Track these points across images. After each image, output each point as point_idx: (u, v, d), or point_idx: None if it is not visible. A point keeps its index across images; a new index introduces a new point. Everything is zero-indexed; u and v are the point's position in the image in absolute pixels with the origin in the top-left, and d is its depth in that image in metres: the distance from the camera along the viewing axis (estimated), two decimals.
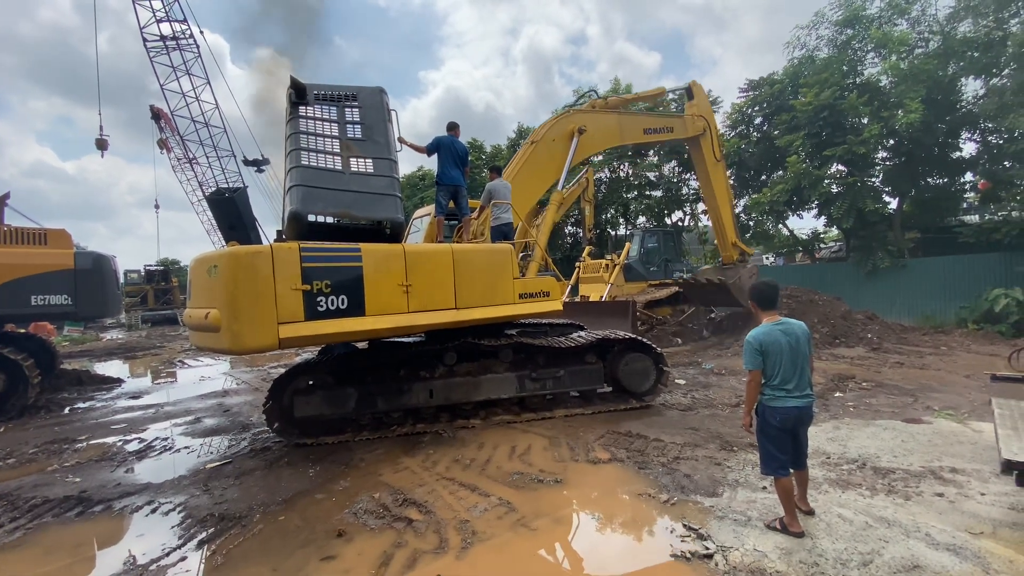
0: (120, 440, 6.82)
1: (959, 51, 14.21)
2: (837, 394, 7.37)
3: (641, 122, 11.01)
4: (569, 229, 25.45)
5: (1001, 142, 14.49)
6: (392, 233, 5.74)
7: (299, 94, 6.19)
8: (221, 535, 3.96)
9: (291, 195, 5.49)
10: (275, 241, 5.26)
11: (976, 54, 14.02)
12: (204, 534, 3.99)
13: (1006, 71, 13.79)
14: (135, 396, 9.90)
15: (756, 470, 4.65)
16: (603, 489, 4.57)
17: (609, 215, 23.76)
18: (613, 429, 6.04)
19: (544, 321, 7.80)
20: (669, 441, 5.54)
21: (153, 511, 4.50)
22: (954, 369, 8.77)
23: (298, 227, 5.37)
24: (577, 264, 15.91)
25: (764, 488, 4.28)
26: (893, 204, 16.53)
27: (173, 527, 4.16)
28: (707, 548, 3.41)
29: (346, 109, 6.30)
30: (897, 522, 3.64)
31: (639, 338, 7.20)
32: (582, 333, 7.34)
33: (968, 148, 15.94)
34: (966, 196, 17.00)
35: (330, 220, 5.43)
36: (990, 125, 14.46)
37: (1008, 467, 3.09)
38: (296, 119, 6.04)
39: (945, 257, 14.87)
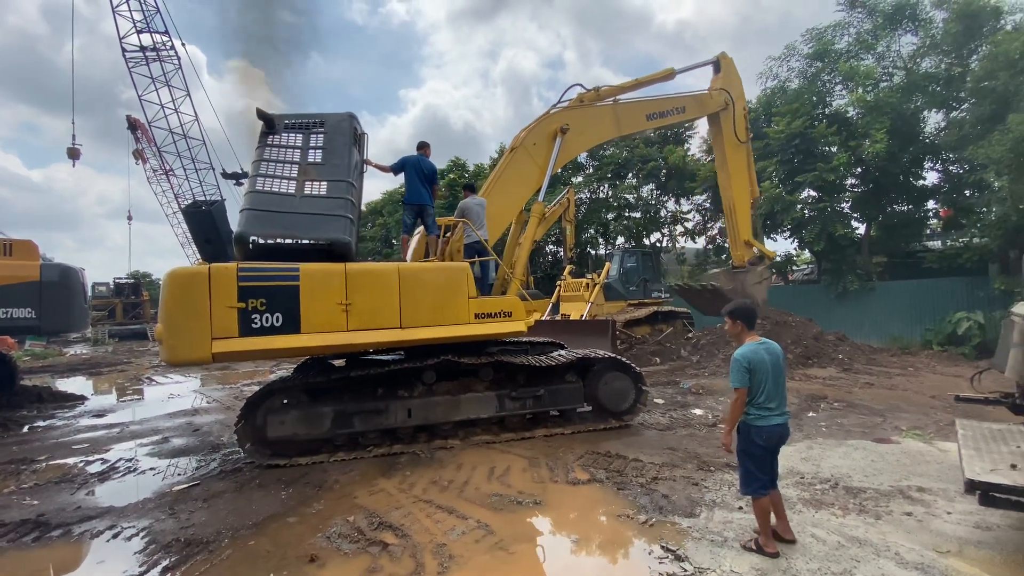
0: (81, 461, 6.54)
1: (922, 85, 15.01)
2: (810, 414, 7.51)
3: (642, 108, 9.76)
4: (550, 248, 25.65)
5: (961, 172, 15.23)
6: (339, 253, 5.78)
7: (268, 125, 6.39)
8: (187, 561, 3.81)
9: (239, 218, 5.72)
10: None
11: (938, 88, 14.82)
12: (168, 560, 3.83)
13: (965, 105, 14.58)
14: (99, 414, 9.51)
15: (733, 490, 4.70)
16: (582, 510, 4.55)
17: (589, 235, 24.07)
18: (592, 449, 6.03)
19: (524, 339, 7.81)
20: (648, 461, 5.56)
21: (115, 536, 4.31)
22: (921, 390, 9.04)
23: (243, 248, 5.57)
24: (558, 283, 16.02)
25: (740, 508, 4.32)
26: (861, 229, 17.14)
27: (136, 553, 3.99)
28: (684, 570, 3.42)
29: (312, 135, 6.44)
30: (868, 541, 3.71)
31: (619, 357, 7.25)
32: (562, 352, 7.36)
33: (931, 177, 16.75)
34: (929, 223, 17.75)
35: (271, 241, 5.65)
36: (951, 156, 15.21)
37: (971, 487, 3.19)
38: (263, 147, 6.27)
39: (911, 281, 15.44)
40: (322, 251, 5.76)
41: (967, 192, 15.14)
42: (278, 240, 5.69)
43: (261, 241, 5.65)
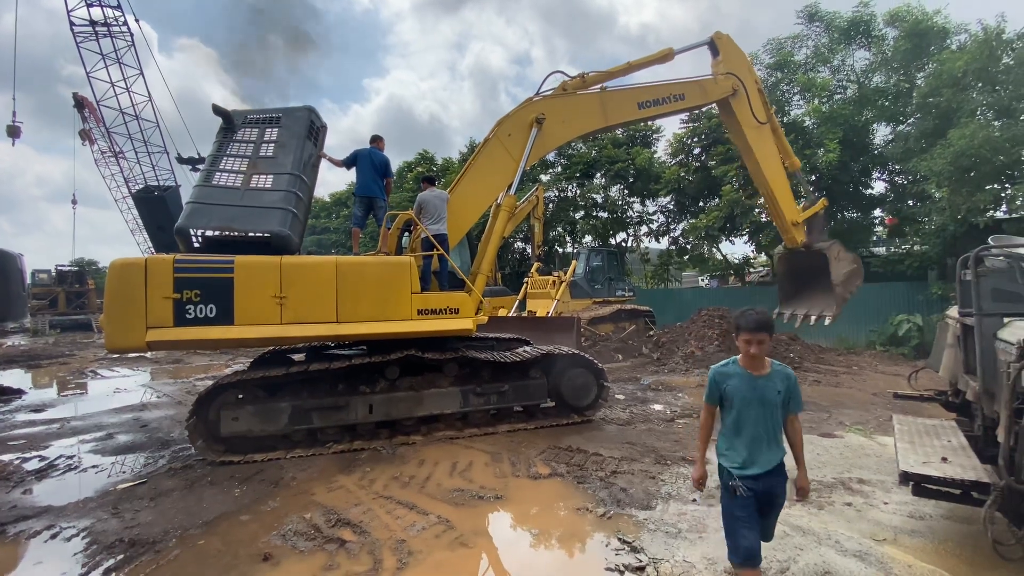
0: (18, 458, 6.17)
1: (872, 99, 15.77)
2: None
3: (632, 95, 8.82)
4: (518, 245, 25.73)
5: (906, 183, 16.11)
6: (279, 246, 5.77)
7: (226, 121, 6.36)
8: (131, 562, 3.66)
9: (183, 211, 5.86)
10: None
11: (887, 103, 15.60)
12: (111, 561, 3.67)
13: (911, 120, 15.41)
14: (37, 409, 8.99)
15: (688, 483, 4.85)
16: (543, 504, 4.60)
17: (557, 233, 24.28)
18: (554, 444, 6.11)
19: (490, 335, 7.82)
20: (607, 455, 5.67)
21: (53, 536, 4.11)
22: (863, 388, 9.55)
23: (184, 240, 5.72)
24: (525, 280, 16.09)
25: (694, 501, 4.46)
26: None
27: (76, 554, 3.80)
28: (640, 561, 3.51)
29: (267, 130, 6.43)
30: (811, 531, 3.90)
31: (582, 354, 7.35)
32: (527, 348, 7.41)
33: (878, 187, 17.62)
34: (876, 230, 18.70)
35: (216, 234, 5.73)
36: (897, 167, 16.05)
37: (905, 478, 3.39)
38: (219, 143, 6.29)
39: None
40: (264, 243, 5.76)
41: (910, 202, 16.01)
42: (224, 233, 5.69)
43: (209, 234, 5.71)
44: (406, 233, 7.64)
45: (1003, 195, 12.86)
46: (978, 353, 3.55)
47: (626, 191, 22.72)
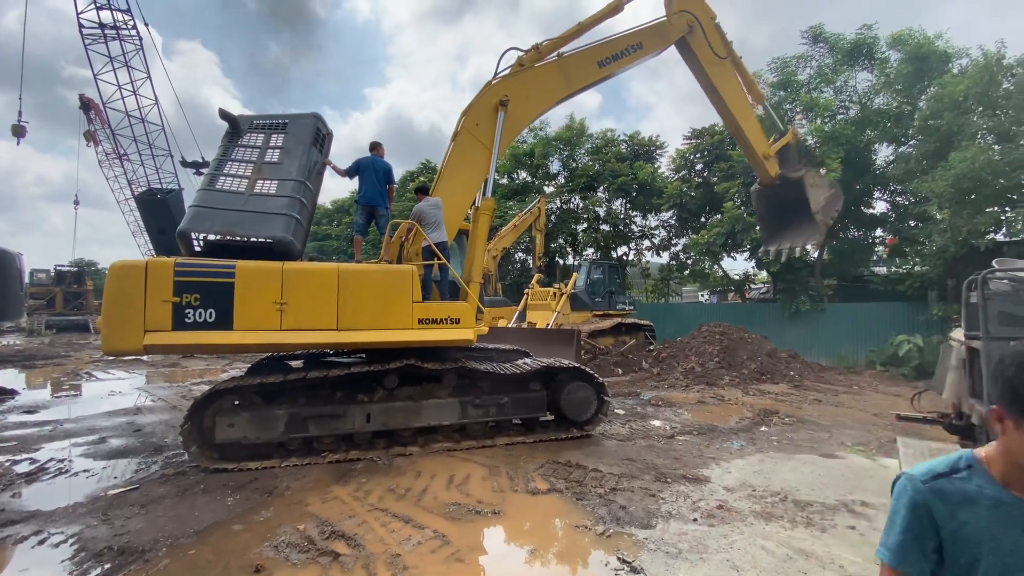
0: (8, 460, 6.08)
1: (874, 120, 15.88)
2: (763, 428, 7.75)
3: (591, 55, 8.56)
4: (519, 256, 25.74)
5: (907, 204, 16.18)
6: (281, 251, 5.76)
7: (232, 126, 6.41)
8: (119, 571, 3.58)
9: (185, 214, 5.89)
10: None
11: (888, 124, 15.71)
12: (99, 570, 3.59)
13: (912, 141, 15.51)
14: (30, 410, 8.89)
15: (688, 502, 4.78)
16: (541, 521, 4.52)
17: (558, 244, 24.30)
18: (553, 459, 6.03)
19: (490, 346, 7.75)
20: (607, 471, 5.59)
21: (41, 542, 4.02)
22: (864, 407, 9.48)
23: (186, 244, 5.74)
24: (526, 291, 16.07)
25: (695, 520, 4.39)
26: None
27: (63, 561, 3.72)
28: None
29: (273, 136, 6.46)
30: (814, 554, 3.83)
31: (582, 367, 7.29)
32: (527, 360, 7.35)
33: (879, 207, 17.69)
34: (877, 249, 18.73)
35: (218, 238, 5.71)
36: (898, 187, 16.13)
37: None
38: (225, 147, 6.33)
39: (858, 304, 16.23)
40: (266, 249, 5.76)
41: (911, 223, 16.07)
42: (226, 237, 5.67)
43: (211, 238, 5.70)
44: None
45: (1003, 218, 12.91)
46: (985, 377, 3.51)
47: (628, 205, 22.80)
